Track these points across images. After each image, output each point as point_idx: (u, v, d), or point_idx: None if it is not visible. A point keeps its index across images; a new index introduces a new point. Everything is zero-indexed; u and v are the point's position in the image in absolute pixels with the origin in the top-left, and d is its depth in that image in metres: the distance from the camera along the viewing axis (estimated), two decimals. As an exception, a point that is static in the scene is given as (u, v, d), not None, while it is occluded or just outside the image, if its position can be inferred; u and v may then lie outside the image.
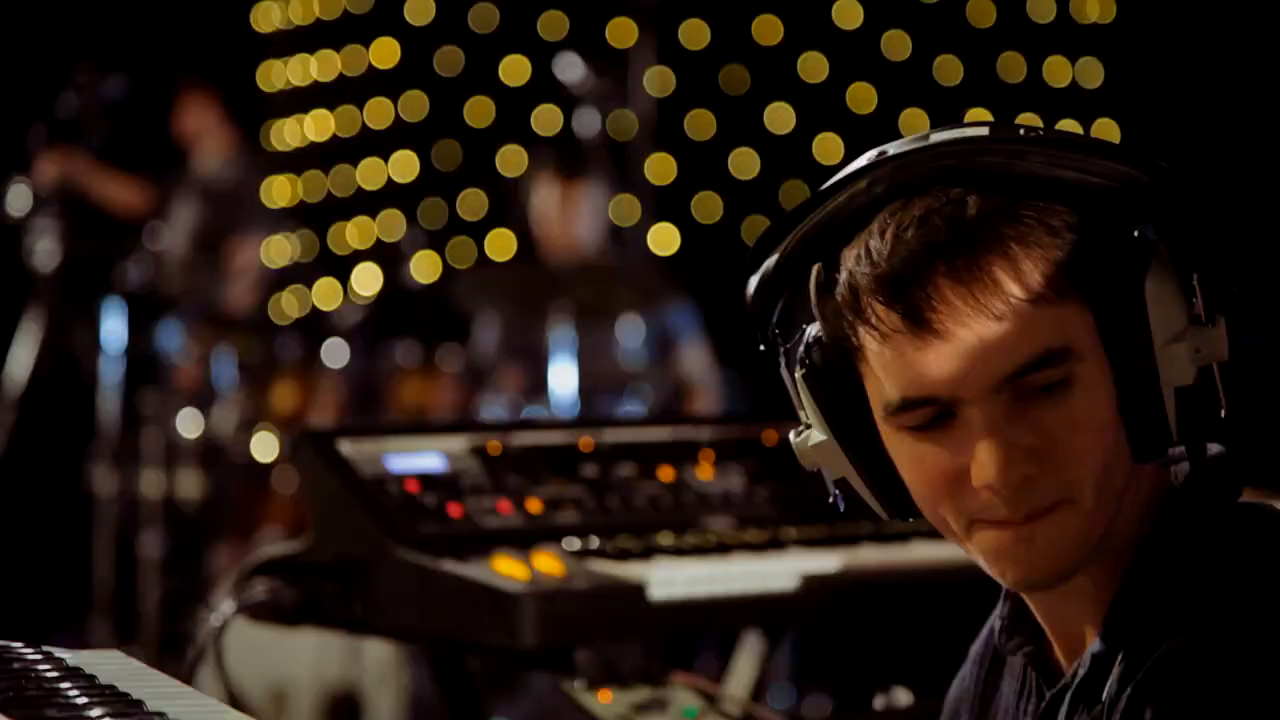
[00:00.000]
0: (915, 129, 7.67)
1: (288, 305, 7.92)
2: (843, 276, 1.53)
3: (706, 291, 6.81)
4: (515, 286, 6.38)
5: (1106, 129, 7.97)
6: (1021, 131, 1.51)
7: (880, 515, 1.63)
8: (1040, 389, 1.48)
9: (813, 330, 1.58)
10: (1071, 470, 1.49)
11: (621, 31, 8.02)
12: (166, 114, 7.19)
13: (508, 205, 7.65)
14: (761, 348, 1.63)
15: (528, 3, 8.26)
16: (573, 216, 6.33)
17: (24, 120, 6.66)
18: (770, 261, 1.59)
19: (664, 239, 8.03)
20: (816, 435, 1.61)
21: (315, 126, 8.61)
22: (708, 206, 8.23)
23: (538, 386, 6.14)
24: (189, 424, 6.22)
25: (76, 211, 6.46)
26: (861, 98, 8.22)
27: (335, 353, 6.40)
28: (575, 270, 6.11)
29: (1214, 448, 1.57)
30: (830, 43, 8.22)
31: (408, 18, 8.39)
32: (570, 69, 6.36)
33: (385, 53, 8.46)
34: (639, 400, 6.19)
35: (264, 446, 6.25)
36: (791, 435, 1.65)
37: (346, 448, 2.63)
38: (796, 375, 1.60)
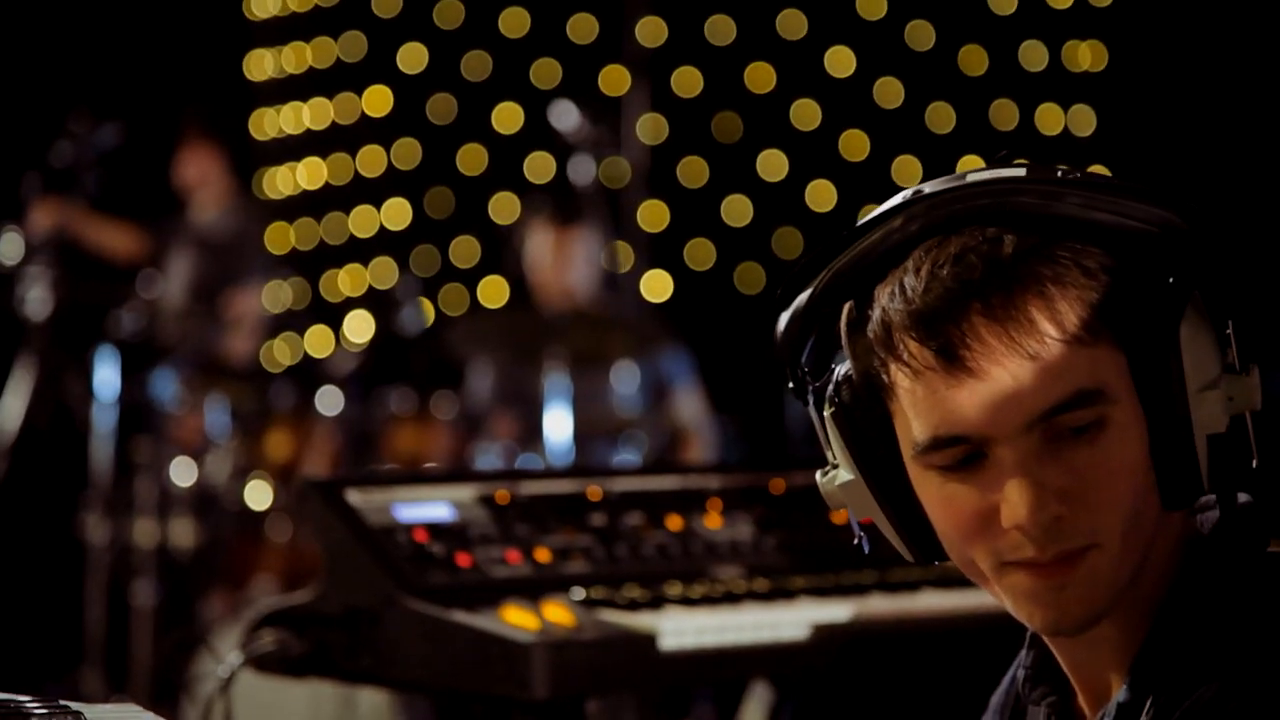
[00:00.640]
0: (908, 176, 7.73)
1: (279, 353, 7.90)
2: (876, 313, 1.52)
3: (700, 338, 6.82)
4: (509, 333, 6.37)
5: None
6: (1058, 173, 1.51)
7: (906, 557, 1.62)
8: (1072, 430, 1.47)
9: (842, 369, 1.58)
10: (1101, 513, 1.48)
11: (614, 79, 8.04)
12: (161, 161, 7.18)
13: (501, 252, 7.65)
14: (790, 386, 1.62)
15: (520, 51, 8.28)
16: (567, 263, 6.33)
17: (17, 168, 6.65)
18: (802, 298, 1.58)
19: (657, 286, 8.04)
20: (844, 474, 1.60)
21: (308, 174, 8.61)
22: (700, 253, 8.24)
23: (532, 433, 6.13)
24: (182, 472, 6.19)
25: (69, 260, 6.44)
26: (854, 145, 8.24)
27: (329, 400, 6.38)
28: (569, 317, 6.11)
29: (1242, 497, 1.56)
30: (822, 90, 8.25)
31: (401, 66, 8.40)
32: (565, 117, 6.37)
33: (378, 100, 8.47)
34: (634, 447, 6.17)
35: (258, 495, 6.22)
36: (818, 475, 1.64)
37: (354, 497, 2.62)
38: (825, 414, 1.59)
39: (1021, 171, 1.51)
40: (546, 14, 8.28)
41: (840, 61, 8.25)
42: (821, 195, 8.22)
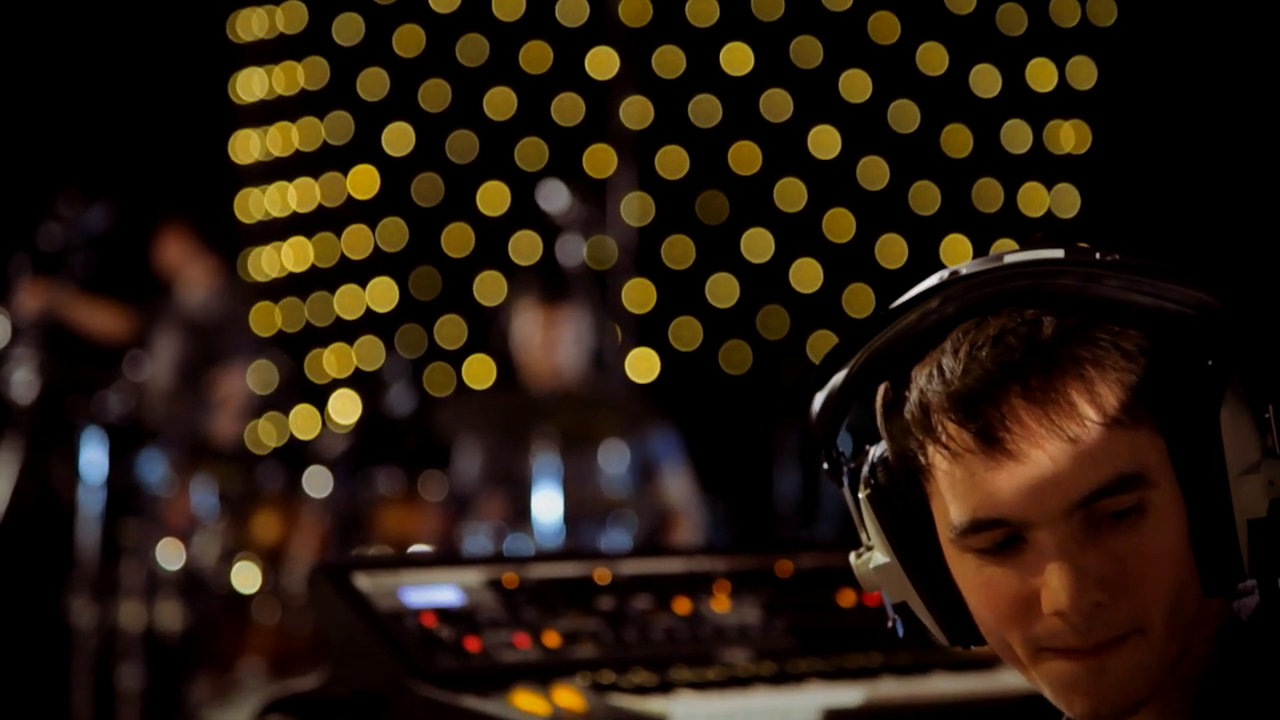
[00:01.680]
0: (891, 256, 7.70)
1: (265, 434, 7.88)
2: (913, 394, 1.51)
3: (686, 418, 6.81)
4: (498, 414, 6.36)
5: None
6: (1097, 255, 1.50)
7: (940, 640, 1.60)
8: (1112, 515, 1.46)
9: (878, 450, 1.56)
10: (1143, 600, 1.47)
11: (600, 160, 8.07)
12: (147, 244, 7.18)
13: (487, 332, 7.65)
14: (824, 466, 1.61)
15: (507, 131, 8.30)
16: (555, 343, 6.33)
17: (4, 249, 6.64)
18: (837, 379, 1.56)
19: (643, 365, 8.04)
20: (879, 557, 1.59)
21: (294, 255, 8.61)
22: (687, 333, 8.24)
23: (521, 514, 6.10)
24: (169, 554, 6.16)
25: (56, 341, 6.43)
26: (839, 225, 8.27)
27: (317, 482, 6.36)
28: (558, 397, 6.10)
29: (1280, 582, 1.55)
30: (807, 170, 8.28)
31: (386, 147, 8.42)
32: (554, 196, 6.38)
33: (364, 181, 8.48)
34: (624, 528, 6.15)
35: (245, 577, 6.19)
36: (852, 557, 1.62)
37: (363, 581, 2.60)
38: (860, 496, 1.57)
39: (1059, 253, 1.51)
40: (532, 95, 8.31)
41: (825, 142, 8.29)
42: (807, 274, 8.24)
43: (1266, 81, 7.54)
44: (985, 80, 8.33)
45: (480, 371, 8.14)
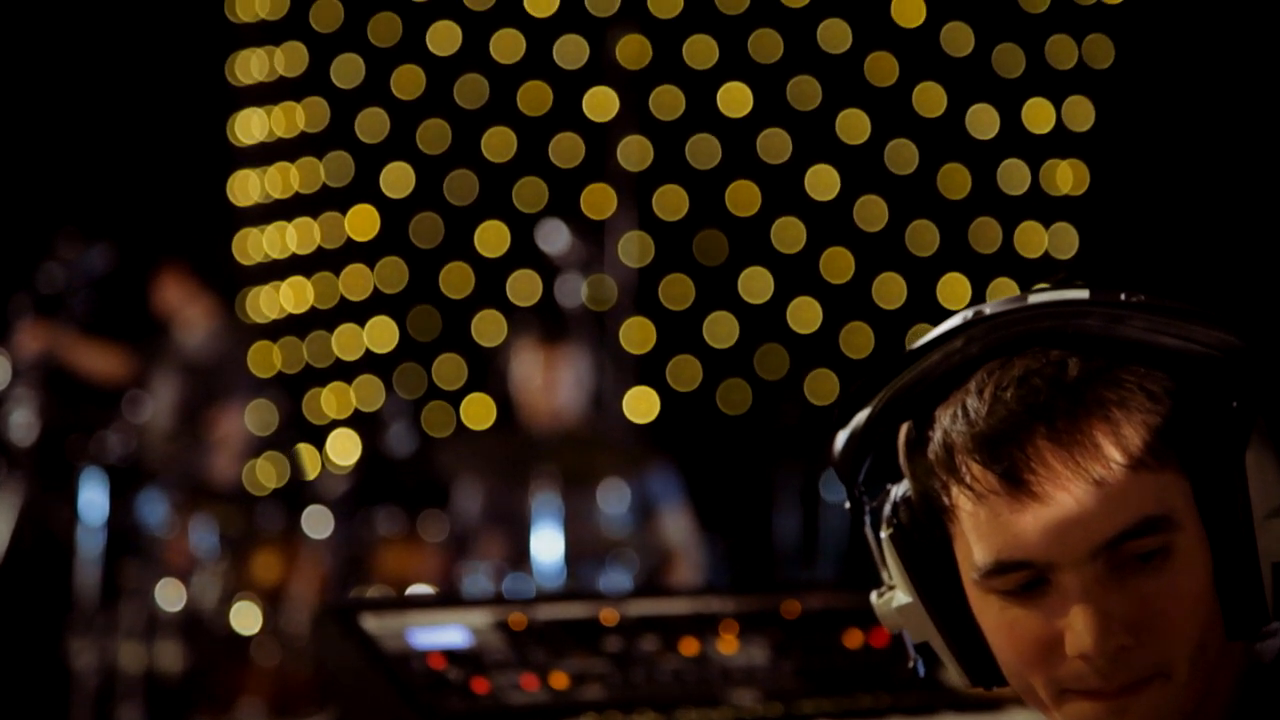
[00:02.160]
0: (890, 296, 7.69)
1: (264, 475, 7.86)
2: (937, 435, 1.50)
3: (685, 457, 6.81)
4: (497, 453, 6.36)
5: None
6: (1122, 296, 1.50)
7: (961, 681, 1.59)
8: (1137, 557, 1.45)
9: (900, 489, 1.55)
10: (1168, 643, 1.46)
11: (599, 200, 8.09)
12: (147, 285, 7.19)
13: (486, 372, 7.65)
14: (847, 505, 1.60)
15: (506, 172, 8.32)
16: (554, 383, 6.33)
17: (4, 291, 6.64)
18: (861, 417, 1.55)
19: (642, 405, 8.04)
20: (901, 597, 1.57)
21: (293, 295, 8.62)
22: (685, 372, 8.25)
23: (520, 554, 6.10)
24: (169, 595, 6.15)
25: (56, 382, 6.43)
26: (837, 265, 8.28)
27: (317, 522, 6.35)
28: (557, 437, 6.11)
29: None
30: (806, 210, 8.30)
31: (385, 188, 8.43)
32: (553, 237, 6.40)
33: (363, 222, 8.49)
34: (624, 567, 6.15)
35: (245, 618, 6.18)
36: (873, 596, 1.61)
37: (370, 623, 2.59)
38: (882, 535, 1.56)
39: (1084, 293, 1.50)
40: (531, 135, 8.34)
41: (823, 182, 8.31)
42: (805, 314, 8.25)
43: (1264, 121, 7.56)
44: (983, 121, 8.36)
45: (480, 411, 8.13)
